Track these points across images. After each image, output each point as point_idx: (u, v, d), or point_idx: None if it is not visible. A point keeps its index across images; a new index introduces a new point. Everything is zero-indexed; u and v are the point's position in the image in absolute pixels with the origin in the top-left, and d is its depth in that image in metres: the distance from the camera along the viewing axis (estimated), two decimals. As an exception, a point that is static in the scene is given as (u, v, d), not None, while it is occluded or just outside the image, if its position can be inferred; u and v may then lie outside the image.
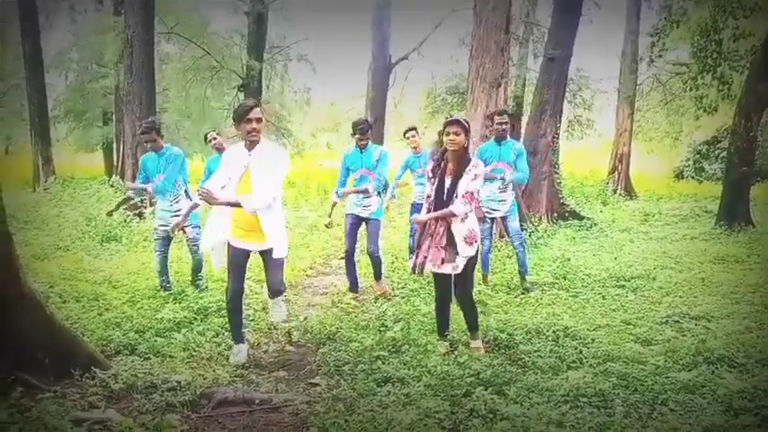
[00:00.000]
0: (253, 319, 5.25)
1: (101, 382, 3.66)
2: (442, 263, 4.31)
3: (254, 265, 7.11)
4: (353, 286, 6.35)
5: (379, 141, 18.93)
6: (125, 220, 9.70)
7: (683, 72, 17.71)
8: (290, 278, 6.96)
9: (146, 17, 11.17)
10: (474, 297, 4.63)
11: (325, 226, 7.00)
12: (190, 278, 6.04)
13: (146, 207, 9.23)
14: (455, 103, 22.19)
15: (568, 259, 7.28)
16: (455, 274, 4.37)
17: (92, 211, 10.06)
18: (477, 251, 4.43)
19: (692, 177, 22.90)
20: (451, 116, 4.33)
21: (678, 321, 5.15)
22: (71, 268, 6.51)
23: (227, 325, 4.98)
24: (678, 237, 10.22)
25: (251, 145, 4.19)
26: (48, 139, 16.20)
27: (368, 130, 6.13)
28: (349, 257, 6.31)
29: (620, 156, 18.54)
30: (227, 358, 4.38)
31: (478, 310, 4.71)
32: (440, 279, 4.47)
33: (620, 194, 17.08)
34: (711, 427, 3.24)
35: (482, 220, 5.98)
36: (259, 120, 4.14)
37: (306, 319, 5.25)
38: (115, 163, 18.78)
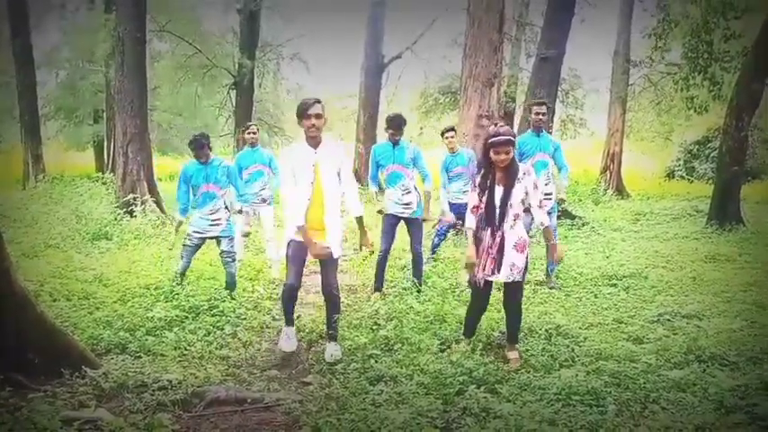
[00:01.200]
0: (245, 318, 5.23)
1: (91, 381, 3.63)
2: (493, 272, 4.27)
3: (246, 264, 7.13)
4: (379, 286, 6.22)
5: (373, 141, 18.91)
6: (116, 218, 9.65)
7: (674, 72, 17.79)
8: (281, 276, 6.94)
9: (137, 15, 11.08)
10: (522, 306, 4.54)
11: (378, 212, 6.41)
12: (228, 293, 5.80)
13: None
14: (447, 103, 22.21)
15: (560, 258, 7.28)
16: (505, 283, 4.33)
17: (82, 209, 9.98)
18: (527, 258, 4.37)
19: (683, 177, 23.01)
20: (499, 134, 4.10)
21: (670, 320, 5.17)
22: (61, 266, 6.46)
23: (218, 323, 4.99)
24: (670, 236, 10.27)
25: (314, 142, 4.21)
26: (38, 137, 16.04)
27: (402, 126, 5.98)
28: (383, 258, 6.16)
29: (612, 155, 18.60)
30: (219, 357, 4.36)
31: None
32: (484, 287, 4.40)
33: (611, 194, 17.13)
34: (703, 424, 3.26)
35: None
36: (318, 116, 4.14)
37: (298, 317, 5.23)
38: (106, 161, 18.68)
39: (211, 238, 5.81)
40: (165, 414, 3.37)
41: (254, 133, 7.11)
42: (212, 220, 5.75)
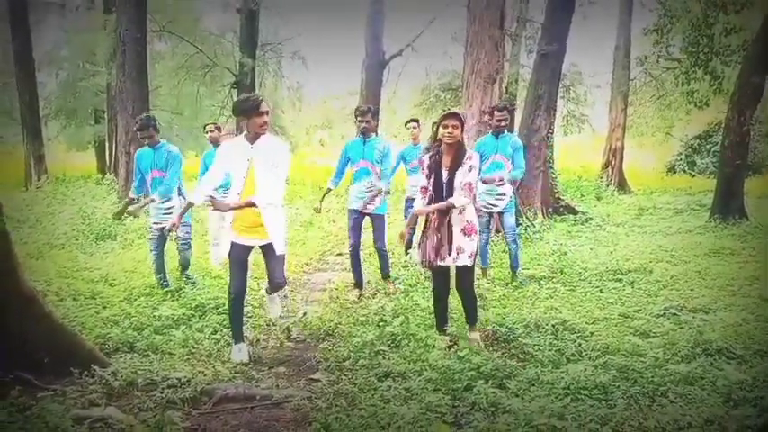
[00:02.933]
0: (251, 316, 5.24)
1: (101, 380, 3.64)
2: (440, 256, 4.33)
3: (251, 263, 7.13)
4: (359, 283, 6.28)
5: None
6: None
7: (674, 67, 17.78)
8: (286, 275, 6.94)
9: (138, 15, 11.09)
10: (474, 290, 4.62)
11: (314, 210, 6.68)
12: (179, 276, 5.98)
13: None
14: (448, 100, 22.20)
15: (565, 253, 7.30)
16: (456, 267, 4.38)
17: (86, 209, 9.99)
18: (477, 243, 4.44)
19: (684, 172, 23.03)
20: (448, 110, 4.36)
21: (676, 314, 5.17)
22: (67, 266, 6.48)
23: (225, 321, 4.99)
24: (673, 230, 10.27)
25: (254, 137, 4.17)
26: (40, 137, 16.07)
27: (367, 113, 5.97)
28: (354, 253, 6.23)
29: (614, 150, 18.60)
30: (227, 355, 4.36)
31: (478, 304, 4.71)
32: (438, 272, 4.49)
33: (613, 189, 17.14)
34: (711, 418, 3.26)
35: (478, 213, 5.99)
36: (268, 112, 4.14)
37: (304, 314, 5.24)
38: (108, 161, 18.69)
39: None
40: (174, 412, 3.37)
41: (212, 131, 7.03)
42: (165, 209, 5.75)
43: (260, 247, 4.36)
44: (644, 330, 4.78)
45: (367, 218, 6.18)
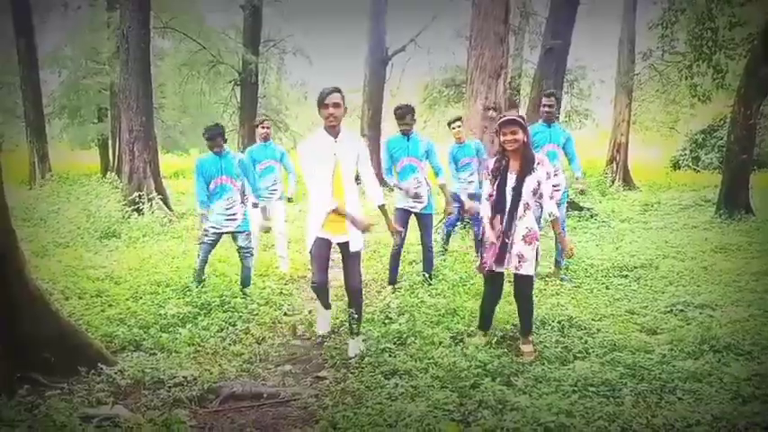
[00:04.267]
0: (257, 314, 5.23)
1: (108, 378, 3.64)
2: (500, 262, 4.24)
3: (256, 260, 7.13)
4: (393, 280, 6.20)
5: (377, 134, 18.87)
6: (124, 216, 9.68)
7: (679, 61, 17.68)
8: (291, 272, 6.95)
9: (141, 12, 11.08)
10: (533, 299, 4.50)
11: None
12: (240, 290, 5.75)
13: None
14: (452, 96, 22.16)
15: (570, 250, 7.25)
16: (516, 275, 4.30)
17: (90, 207, 10.00)
18: (538, 251, 4.32)
19: (689, 167, 22.93)
20: (505, 115, 4.22)
21: (683, 310, 5.16)
22: (72, 265, 6.48)
23: (231, 319, 5.01)
24: (679, 226, 10.23)
25: (333, 132, 4.17)
26: (44, 136, 16.09)
27: (406, 115, 5.92)
28: (396, 253, 6.15)
29: (618, 146, 18.51)
30: (233, 353, 4.36)
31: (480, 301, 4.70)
32: (495, 277, 4.39)
33: (618, 185, 17.07)
34: (720, 414, 3.25)
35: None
36: (337, 105, 4.10)
37: (310, 312, 5.24)
38: (111, 159, 18.71)
39: (227, 233, 5.78)
40: (181, 410, 3.37)
41: (268, 128, 7.08)
42: (228, 215, 5.72)
43: (339, 244, 4.35)
44: (651, 327, 4.77)
45: (413, 217, 6.10)
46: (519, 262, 4.21)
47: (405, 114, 5.93)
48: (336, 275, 7.07)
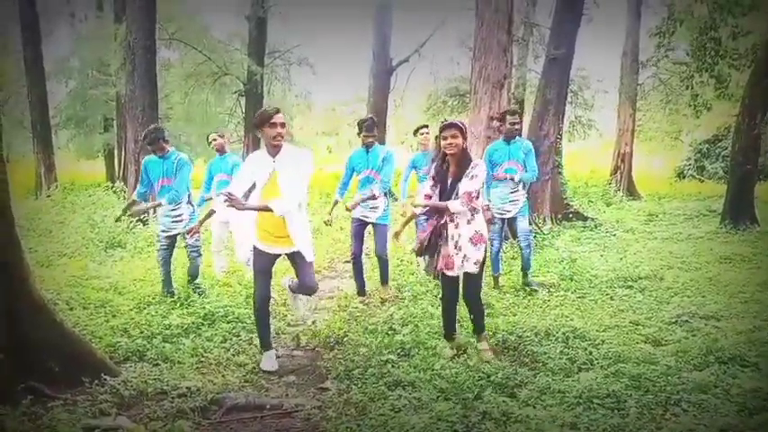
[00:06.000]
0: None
1: (111, 389, 3.64)
2: (448, 265, 4.31)
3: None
4: (361, 290, 6.34)
5: (381, 144, 18.89)
6: (128, 227, 9.69)
7: (682, 71, 17.71)
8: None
9: (147, 24, 11.17)
10: (482, 299, 4.58)
11: (324, 223, 6.97)
12: (188, 285, 5.95)
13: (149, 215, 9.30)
14: (455, 106, 22.21)
15: (575, 260, 7.25)
16: (464, 275, 4.35)
17: (95, 217, 10.04)
18: (486, 253, 4.40)
19: (694, 177, 22.87)
20: (446, 120, 4.32)
21: (688, 321, 5.12)
22: (77, 275, 6.50)
23: (234, 330, 5.00)
24: (683, 236, 10.19)
25: (274, 150, 4.17)
26: (50, 146, 16.20)
27: (373, 127, 6.03)
28: (356, 261, 6.29)
29: (623, 155, 18.48)
30: (237, 364, 4.36)
31: (486, 311, 4.69)
32: (447, 280, 4.44)
33: (623, 195, 17.03)
34: (727, 426, 3.22)
35: (491, 221, 5.97)
36: (283, 124, 4.13)
37: (313, 323, 5.23)
38: (117, 170, 18.78)
39: (177, 234, 5.84)
40: (184, 421, 3.37)
41: (221, 138, 7.03)
42: (174, 217, 5.76)
43: (287, 255, 4.36)
44: (656, 338, 4.74)
45: (369, 226, 6.22)
46: (462, 262, 4.28)
47: (371, 127, 6.03)
48: (339, 284, 7.10)
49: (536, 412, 3.38)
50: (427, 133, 7.42)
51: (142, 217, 10.18)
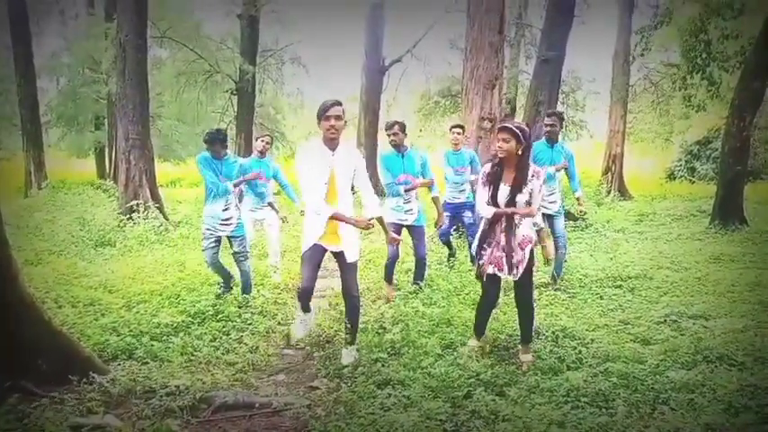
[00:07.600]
0: (250, 323, 5.21)
1: (99, 387, 3.62)
2: (500, 268, 4.25)
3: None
4: (389, 280, 6.28)
5: (374, 144, 18.92)
6: (118, 225, 9.65)
7: (673, 73, 17.82)
8: (286, 281, 6.94)
9: (138, 22, 11.09)
10: (534, 304, 4.49)
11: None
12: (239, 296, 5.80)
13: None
14: (447, 106, 22.24)
15: (565, 260, 7.27)
16: (514, 280, 4.28)
17: (85, 215, 9.99)
18: (533, 255, 4.31)
19: (684, 178, 23.01)
20: (503, 121, 4.28)
21: (676, 321, 5.16)
22: (66, 273, 6.46)
23: (224, 329, 4.99)
24: (673, 236, 10.26)
25: (332, 144, 4.15)
26: (40, 144, 16.08)
27: (393, 126, 5.94)
28: (391, 264, 6.23)
29: (614, 156, 18.58)
30: (226, 362, 4.35)
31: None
32: (491, 282, 4.37)
33: (613, 195, 17.11)
34: (713, 425, 3.25)
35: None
36: (338, 117, 4.10)
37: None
38: (107, 168, 18.70)
39: (223, 236, 5.79)
40: (173, 420, 3.36)
41: (268, 143, 7.07)
42: (223, 219, 5.73)
43: (334, 254, 4.35)
44: (644, 337, 4.77)
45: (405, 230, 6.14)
46: (516, 268, 4.21)
47: (392, 125, 5.98)
48: (330, 284, 7.10)
49: (524, 411, 3.40)
50: (458, 133, 7.24)
51: (134, 215, 10.15)
